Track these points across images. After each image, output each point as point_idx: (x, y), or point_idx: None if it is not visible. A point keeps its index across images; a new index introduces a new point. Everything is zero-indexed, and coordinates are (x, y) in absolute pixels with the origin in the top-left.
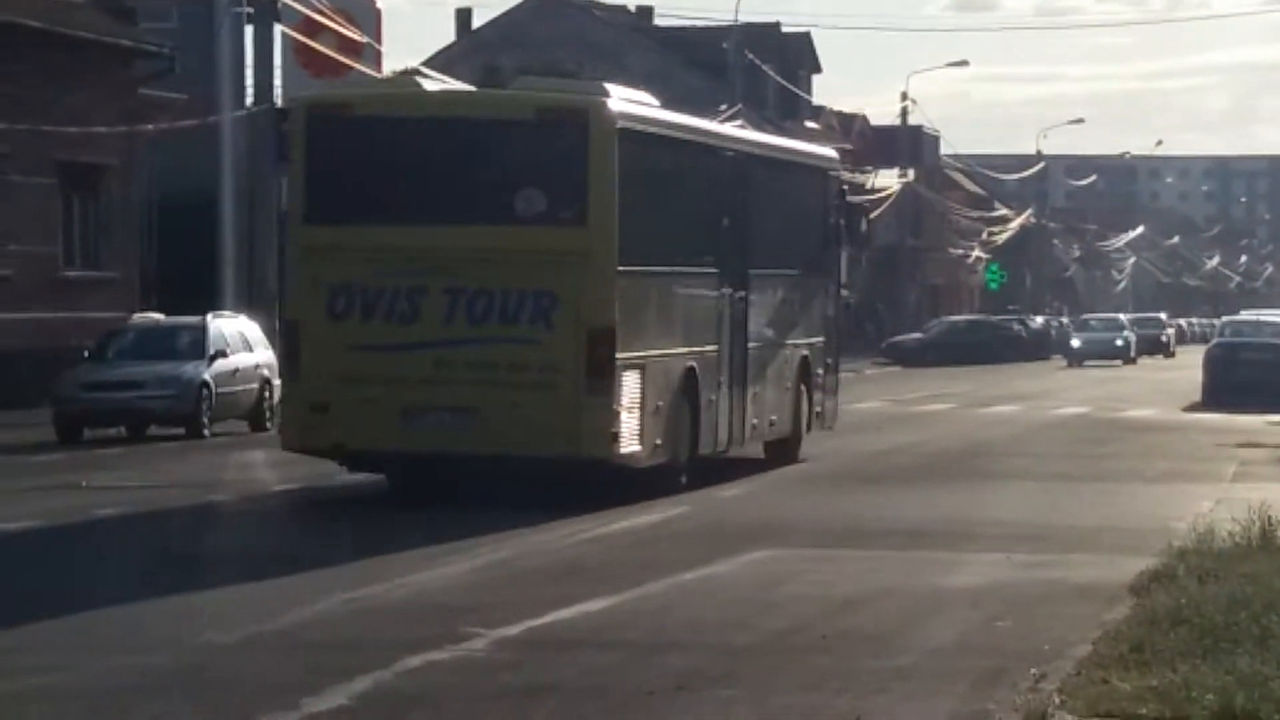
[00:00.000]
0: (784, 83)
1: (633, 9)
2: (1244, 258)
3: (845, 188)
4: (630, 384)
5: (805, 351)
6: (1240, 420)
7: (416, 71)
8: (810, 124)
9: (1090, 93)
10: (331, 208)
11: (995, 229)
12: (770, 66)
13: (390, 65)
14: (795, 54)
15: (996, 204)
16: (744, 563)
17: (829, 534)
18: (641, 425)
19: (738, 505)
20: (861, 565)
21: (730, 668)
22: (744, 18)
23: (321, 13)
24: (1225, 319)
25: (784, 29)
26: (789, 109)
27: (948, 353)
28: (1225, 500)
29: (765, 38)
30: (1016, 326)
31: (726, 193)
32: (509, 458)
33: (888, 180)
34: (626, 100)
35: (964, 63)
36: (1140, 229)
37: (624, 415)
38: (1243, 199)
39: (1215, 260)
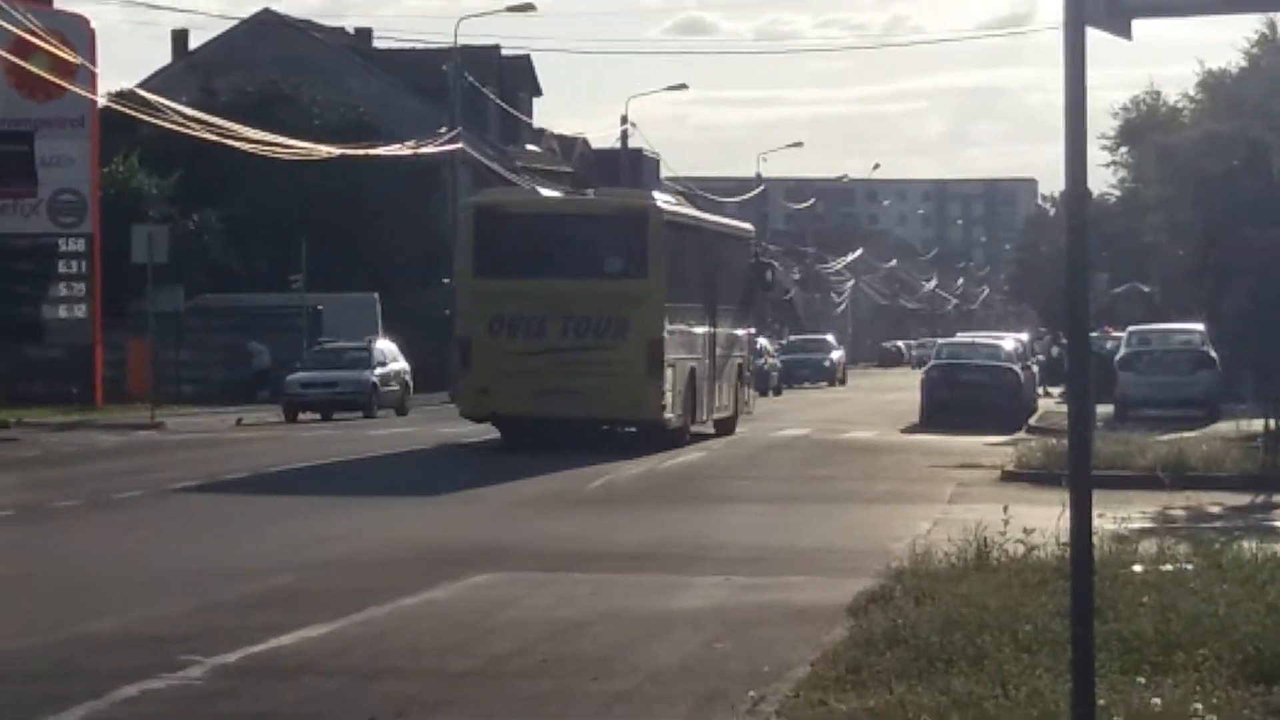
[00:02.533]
0: (505, 106)
1: (351, 31)
2: (960, 280)
3: (759, 250)
4: (669, 376)
5: (740, 361)
6: (958, 441)
7: (537, 185)
8: (531, 147)
9: (809, 116)
10: (490, 267)
11: None
12: (491, 89)
13: (105, 86)
14: (515, 77)
15: None
16: (465, 587)
17: (551, 557)
18: (674, 402)
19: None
20: (583, 588)
21: (450, 693)
22: (463, 40)
23: (33, 33)
24: (941, 341)
25: (504, 52)
26: (510, 132)
27: None
28: (943, 521)
29: (485, 61)
30: None
31: (705, 256)
32: (597, 420)
33: None
34: (665, 202)
35: (683, 86)
36: (859, 252)
37: (667, 395)
38: (959, 222)
39: (932, 283)
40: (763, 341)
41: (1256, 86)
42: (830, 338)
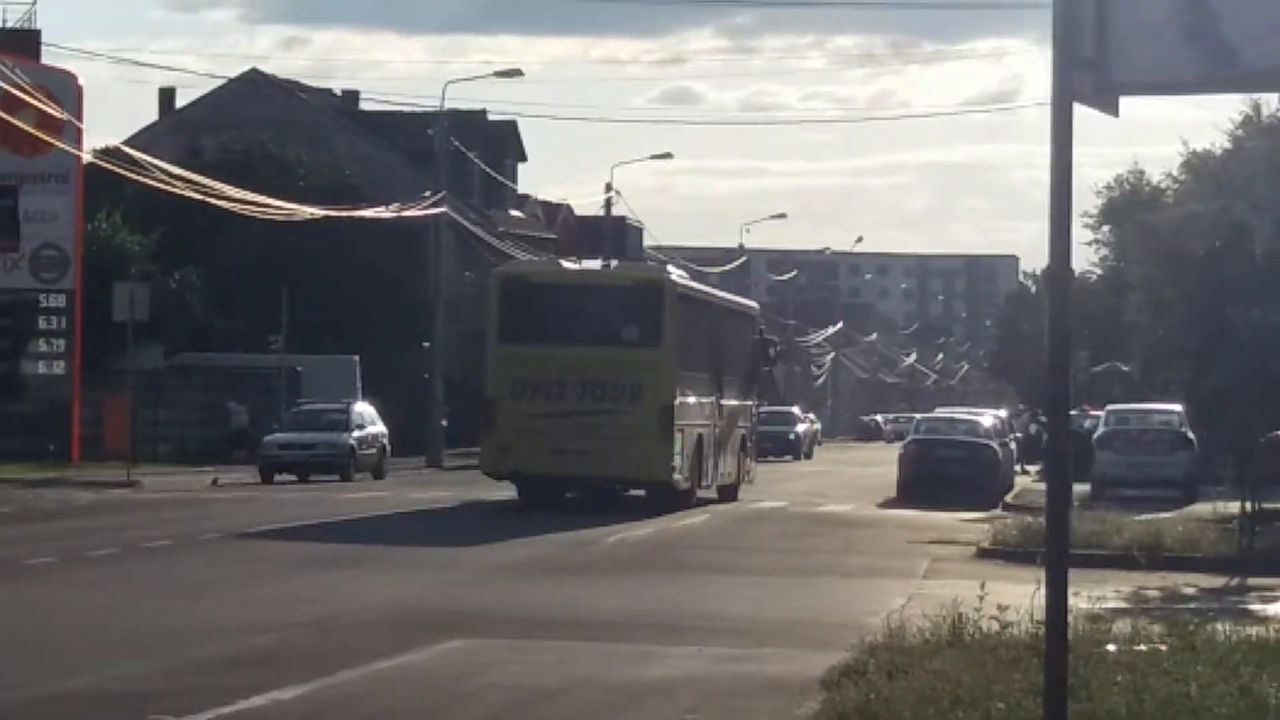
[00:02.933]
0: (489, 171)
1: (338, 92)
2: (940, 355)
3: (763, 328)
4: (678, 440)
5: (744, 431)
6: (934, 517)
7: (555, 256)
8: (515, 212)
9: (793, 188)
10: (514, 334)
11: None
12: (476, 154)
13: (91, 143)
14: (501, 142)
15: None
16: (440, 651)
17: (524, 624)
18: (683, 465)
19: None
20: (557, 656)
21: None
22: (450, 104)
23: (20, 88)
24: (920, 416)
25: (490, 117)
26: (495, 197)
27: None
28: (917, 596)
29: (472, 125)
30: None
31: (714, 329)
32: (610, 479)
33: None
34: (679, 276)
35: (668, 155)
36: (839, 325)
37: (677, 458)
38: (940, 297)
39: (912, 357)
40: None
41: (1240, 168)
42: (796, 410)
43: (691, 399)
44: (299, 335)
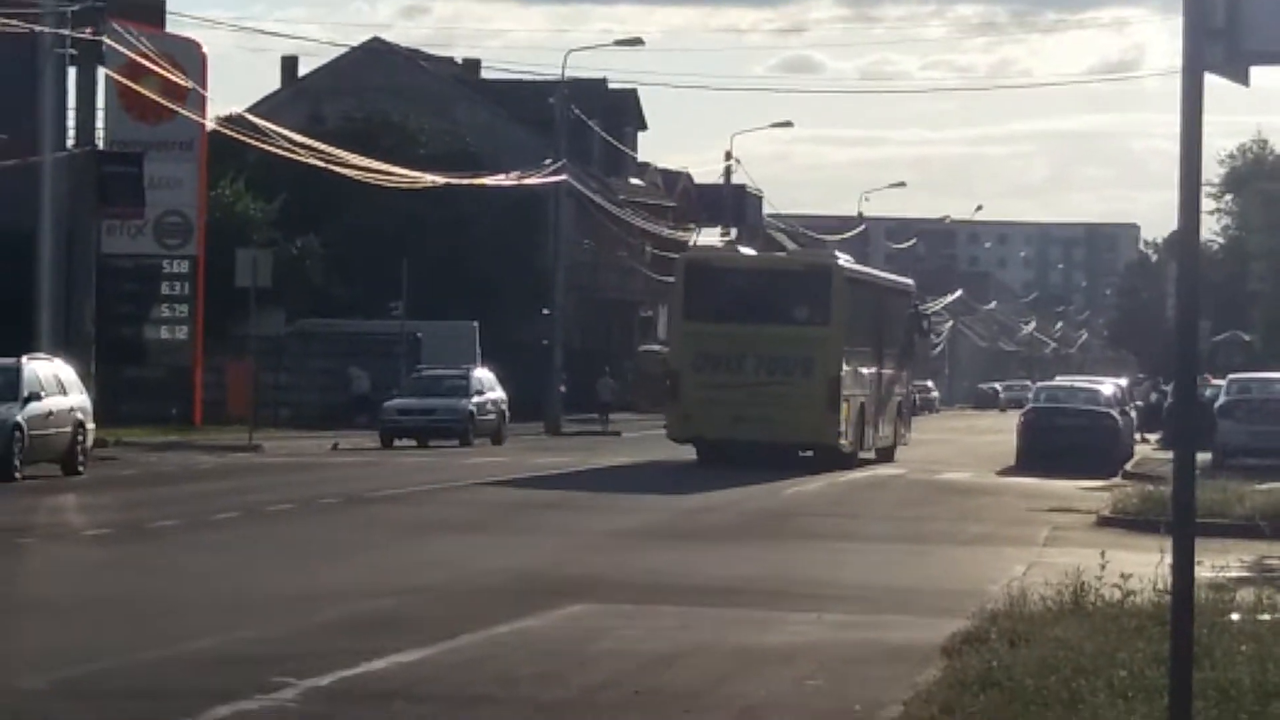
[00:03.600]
0: (609, 139)
1: (459, 61)
2: (1059, 324)
3: (917, 303)
4: (844, 409)
5: (899, 399)
6: (1054, 485)
7: (735, 242)
8: (635, 180)
9: (913, 157)
10: (698, 312)
11: None
12: (596, 122)
13: (215, 110)
14: (621, 110)
15: None
16: (558, 617)
17: (644, 589)
18: (847, 430)
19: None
20: (675, 622)
21: None
22: (571, 73)
23: (146, 56)
24: (1040, 385)
25: (610, 85)
26: (614, 165)
27: None
28: (1038, 564)
29: (592, 94)
30: None
31: (875, 307)
32: (783, 444)
33: (710, 238)
34: (846, 260)
35: (788, 123)
36: (958, 293)
37: (842, 424)
38: (1060, 266)
39: (1031, 326)
40: None
41: None
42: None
43: (855, 371)
44: (419, 302)
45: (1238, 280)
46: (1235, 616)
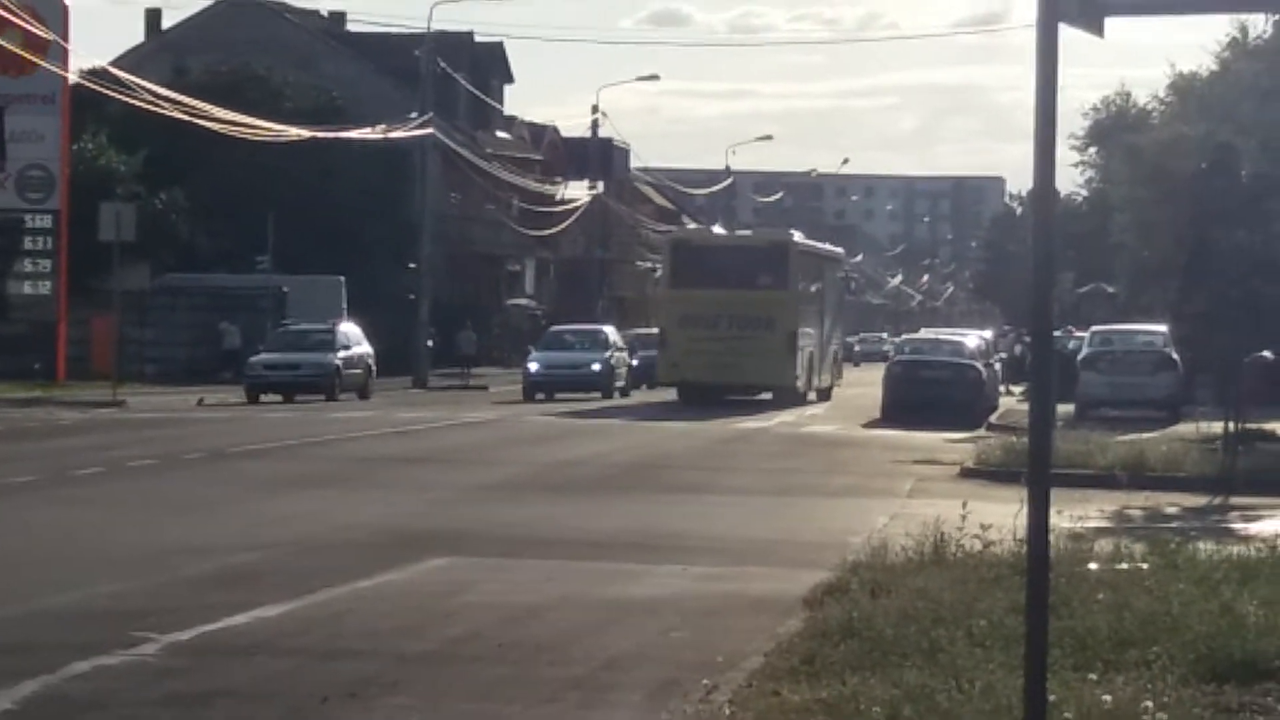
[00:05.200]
0: (476, 92)
1: (325, 14)
2: (926, 277)
3: (847, 269)
4: (799, 357)
5: (835, 348)
6: (918, 437)
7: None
8: (502, 134)
9: (780, 110)
10: (681, 281)
11: None
12: (463, 75)
13: (77, 63)
14: (488, 64)
15: (685, 218)
16: (421, 571)
17: (508, 542)
18: (802, 374)
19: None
20: (540, 574)
21: (404, 675)
22: (437, 26)
23: (6, 8)
24: (904, 337)
25: (477, 38)
26: (481, 119)
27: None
28: (900, 515)
29: (458, 47)
30: None
31: (819, 273)
32: (751, 385)
33: (577, 192)
34: (798, 236)
35: (655, 77)
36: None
37: (798, 369)
38: (926, 219)
39: (898, 279)
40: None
41: (1227, 90)
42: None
43: (806, 326)
44: (285, 256)
45: (1102, 233)
46: (1093, 566)
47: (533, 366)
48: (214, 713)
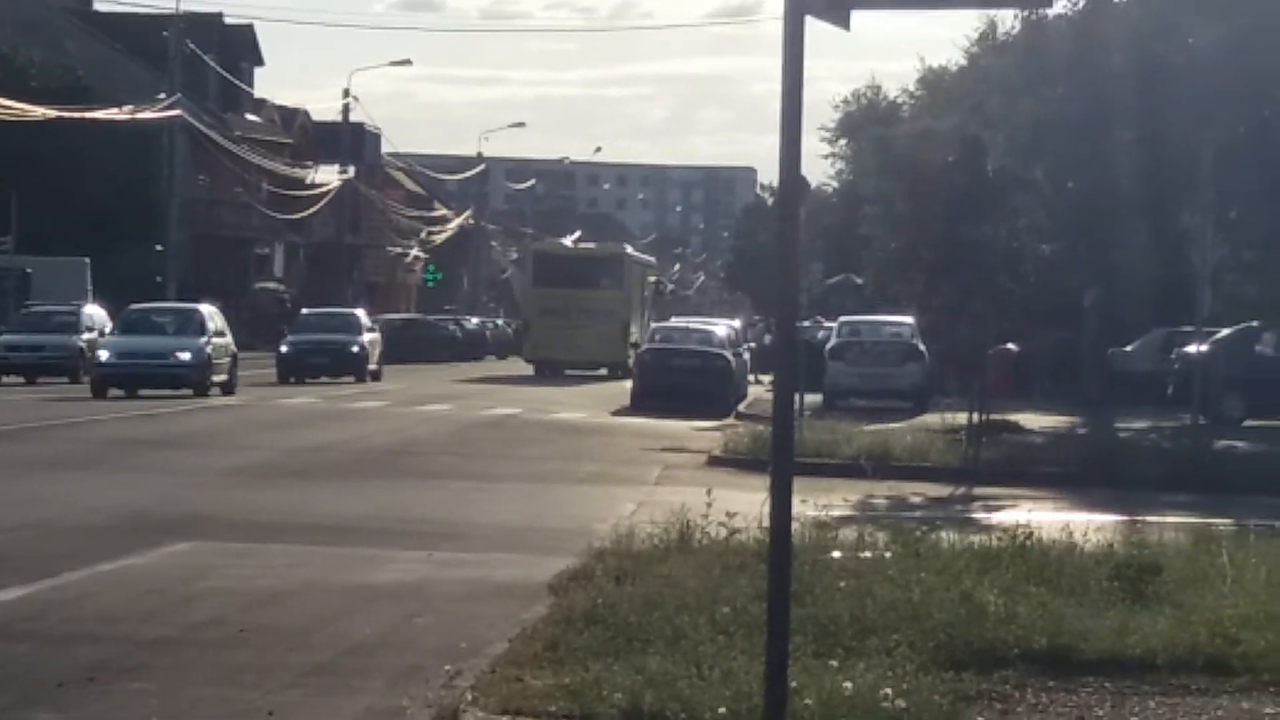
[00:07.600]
0: (225, 74)
1: None
2: (677, 266)
3: (658, 275)
4: (628, 341)
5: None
6: (668, 425)
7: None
8: (251, 117)
9: (533, 97)
10: (542, 281)
11: (434, 229)
12: (211, 57)
13: None
14: (237, 46)
15: (436, 204)
16: (163, 555)
17: (253, 528)
18: (630, 354)
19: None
20: (284, 560)
21: (143, 660)
22: (185, 7)
23: None
24: (655, 325)
25: (226, 20)
26: (230, 101)
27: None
28: (648, 503)
29: (207, 28)
30: (452, 326)
31: (642, 276)
32: (593, 363)
33: (328, 176)
34: (630, 249)
35: (407, 61)
36: (577, 234)
37: (629, 352)
38: (678, 208)
39: None
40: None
41: (975, 84)
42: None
43: (633, 318)
44: (30, 237)
45: (851, 224)
46: (837, 554)
47: (103, 355)
48: None
